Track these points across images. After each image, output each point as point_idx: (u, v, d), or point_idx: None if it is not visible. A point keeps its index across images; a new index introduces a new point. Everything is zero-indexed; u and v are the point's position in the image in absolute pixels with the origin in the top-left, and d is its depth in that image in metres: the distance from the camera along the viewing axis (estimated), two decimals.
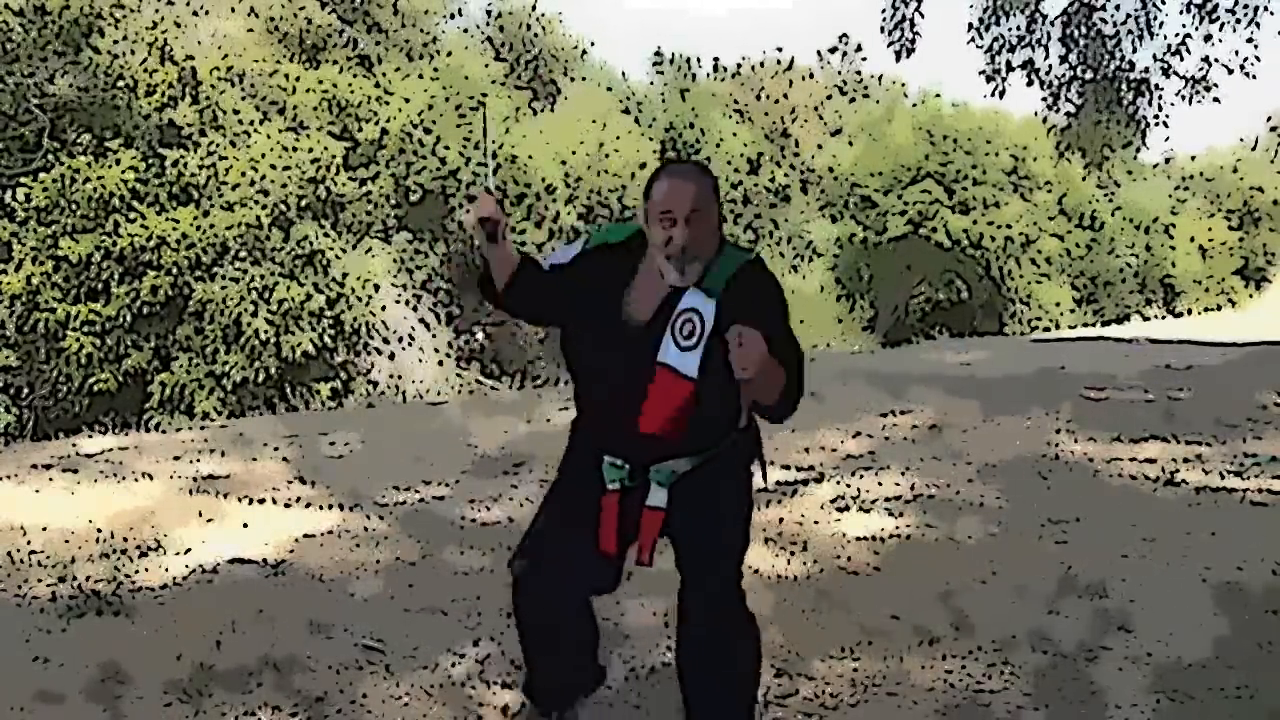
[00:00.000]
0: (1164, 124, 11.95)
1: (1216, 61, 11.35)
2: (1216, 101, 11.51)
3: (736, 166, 28.07)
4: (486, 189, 2.60)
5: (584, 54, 27.70)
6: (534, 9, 26.55)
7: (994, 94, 12.27)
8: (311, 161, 16.10)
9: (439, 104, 18.59)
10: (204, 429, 7.56)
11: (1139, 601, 3.77)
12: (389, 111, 18.14)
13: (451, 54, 21.49)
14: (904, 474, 5.44)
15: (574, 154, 21.11)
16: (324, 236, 15.89)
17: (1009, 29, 11.91)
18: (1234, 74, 11.32)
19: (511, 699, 3.05)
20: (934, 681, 3.23)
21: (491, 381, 17.92)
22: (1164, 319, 23.89)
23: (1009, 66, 11.96)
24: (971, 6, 11.94)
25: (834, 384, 7.69)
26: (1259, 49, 12.07)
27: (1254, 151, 33.93)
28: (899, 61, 12.13)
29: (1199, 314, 26.17)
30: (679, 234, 2.40)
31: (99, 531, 4.40)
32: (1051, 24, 11.91)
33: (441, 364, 17.75)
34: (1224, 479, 5.32)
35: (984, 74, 12.00)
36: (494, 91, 20.17)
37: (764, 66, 34.53)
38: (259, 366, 14.83)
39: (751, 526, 2.68)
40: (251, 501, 4.92)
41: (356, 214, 17.13)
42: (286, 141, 16.26)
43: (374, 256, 16.72)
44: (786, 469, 5.44)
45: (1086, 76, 11.98)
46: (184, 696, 3.02)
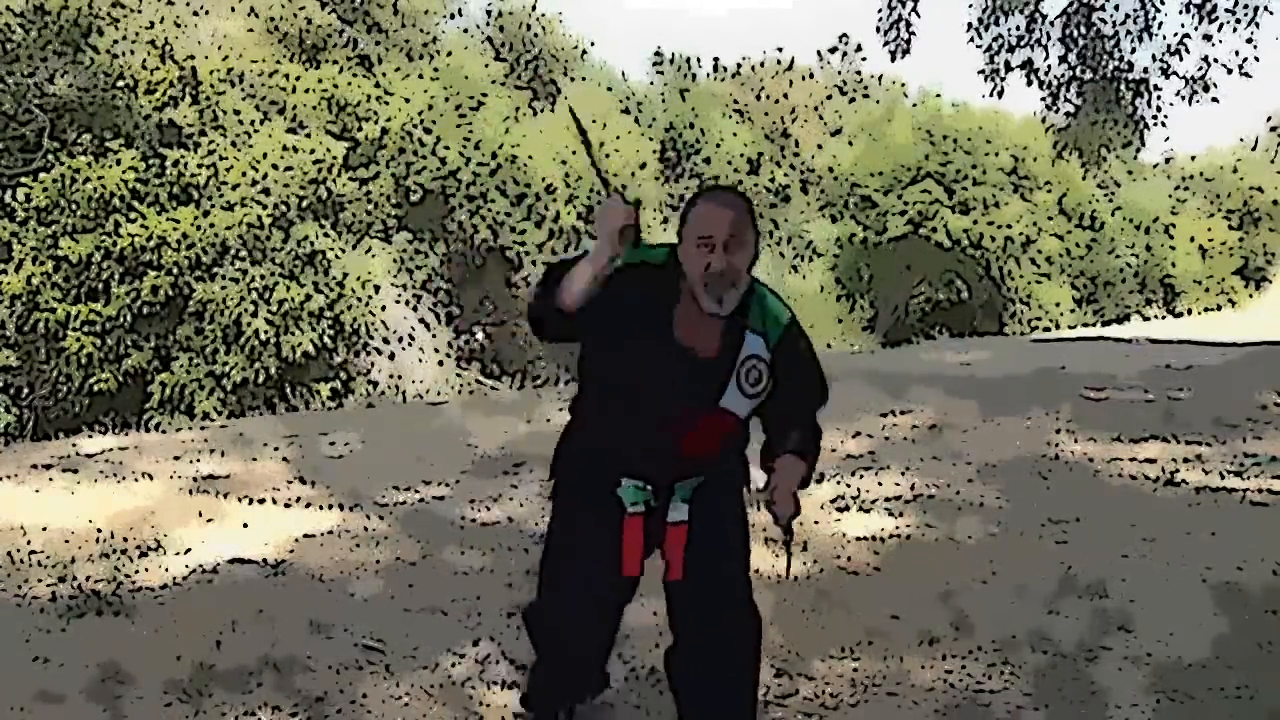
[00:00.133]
0: (1163, 124, 12.00)
1: (1216, 62, 11.35)
2: (1216, 101, 11.50)
3: (736, 167, 28.12)
4: (618, 192, 2.37)
5: (584, 54, 27.73)
6: (534, 9, 26.57)
7: (993, 94, 12.31)
8: (312, 162, 16.12)
9: (439, 104, 18.62)
10: (204, 429, 7.56)
11: (1139, 601, 3.77)
12: (389, 111, 18.16)
13: (451, 54, 21.52)
14: (904, 474, 5.43)
15: (574, 154, 21.09)
16: (324, 237, 15.91)
17: (1008, 29, 11.93)
18: (1233, 74, 11.32)
19: (512, 699, 3.05)
20: (934, 681, 3.24)
21: (491, 381, 17.94)
22: (1164, 319, 23.82)
23: (1008, 66, 11.97)
24: (971, 6, 11.96)
25: (834, 384, 7.62)
26: (1258, 49, 12.02)
27: (1254, 151, 33.91)
28: (894, 62, 12.17)
29: (1199, 314, 26.09)
30: (717, 260, 2.35)
31: (99, 531, 4.39)
32: (1051, 24, 11.91)
33: (441, 364, 17.77)
34: (1224, 479, 5.31)
35: (983, 74, 12.02)
36: (494, 92, 20.18)
37: (764, 66, 34.54)
38: (259, 367, 14.84)
39: (751, 527, 2.69)
40: (251, 501, 4.91)
41: (356, 214, 17.15)
42: (287, 141, 16.28)
43: (374, 256, 16.73)
44: None
45: (1086, 76, 11.98)
46: (184, 696, 3.02)
